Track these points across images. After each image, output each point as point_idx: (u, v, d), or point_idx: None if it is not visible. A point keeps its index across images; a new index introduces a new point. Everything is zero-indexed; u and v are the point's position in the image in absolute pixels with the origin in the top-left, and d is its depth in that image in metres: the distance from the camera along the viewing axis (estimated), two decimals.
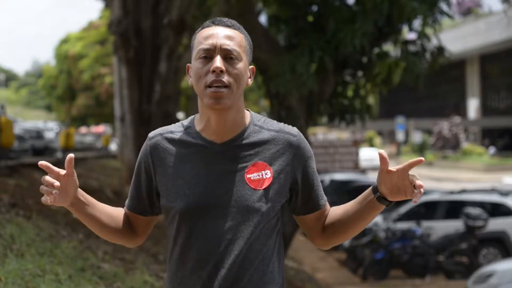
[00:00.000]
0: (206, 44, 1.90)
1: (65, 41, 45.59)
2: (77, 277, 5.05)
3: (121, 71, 19.57)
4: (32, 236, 5.74)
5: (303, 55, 7.94)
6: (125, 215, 2.07)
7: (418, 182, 1.86)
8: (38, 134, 20.85)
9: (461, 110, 48.86)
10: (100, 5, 75.08)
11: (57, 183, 1.85)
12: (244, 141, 1.94)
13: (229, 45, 1.89)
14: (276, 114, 8.86)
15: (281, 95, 8.66)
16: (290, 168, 1.95)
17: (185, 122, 2.02)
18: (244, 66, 1.92)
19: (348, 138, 25.59)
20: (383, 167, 1.94)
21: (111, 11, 14.15)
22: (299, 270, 12.12)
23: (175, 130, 2.00)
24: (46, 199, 1.86)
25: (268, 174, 1.92)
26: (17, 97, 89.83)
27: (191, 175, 1.91)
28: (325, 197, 2.07)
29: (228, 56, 1.89)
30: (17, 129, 18.43)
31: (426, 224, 12.32)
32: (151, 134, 2.02)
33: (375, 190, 1.96)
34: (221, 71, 1.86)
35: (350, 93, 9.60)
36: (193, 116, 2.03)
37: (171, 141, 1.97)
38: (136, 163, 2.05)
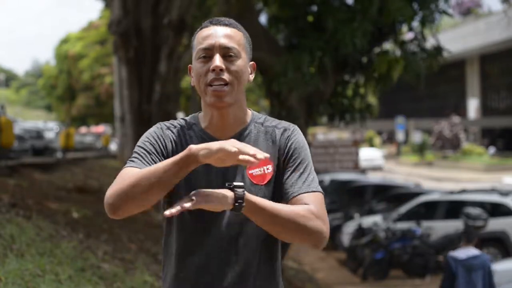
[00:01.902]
0: (205, 44, 1.92)
1: (65, 41, 45.60)
2: (77, 277, 5.05)
3: (121, 71, 19.56)
4: (32, 236, 5.74)
5: (304, 55, 7.95)
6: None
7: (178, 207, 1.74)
8: (38, 134, 20.83)
9: (461, 110, 48.86)
10: (100, 5, 75.11)
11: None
12: (246, 138, 1.96)
13: (228, 43, 1.92)
14: (276, 114, 8.86)
15: (281, 95, 8.66)
16: (285, 157, 1.97)
17: (189, 119, 2.04)
18: (243, 63, 1.95)
19: (348, 138, 25.64)
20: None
21: (111, 11, 14.15)
22: (299, 270, 12.13)
23: (182, 125, 2.01)
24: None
25: (269, 169, 1.95)
26: (17, 97, 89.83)
27: (196, 171, 1.88)
28: (299, 188, 1.91)
29: (227, 54, 1.92)
30: (17, 129, 18.42)
31: (426, 224, 12.31)
32: (163, 123, 2.02)
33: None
34: (221, 69, 1.89)
35: (350, 92, 9.60)
36: (196, 114, 2.05)
37: (183, 136, 1.98)
38: (146, 135, 1.98)
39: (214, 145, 1.70)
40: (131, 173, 1.84)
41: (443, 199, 13.61)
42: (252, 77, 2.01)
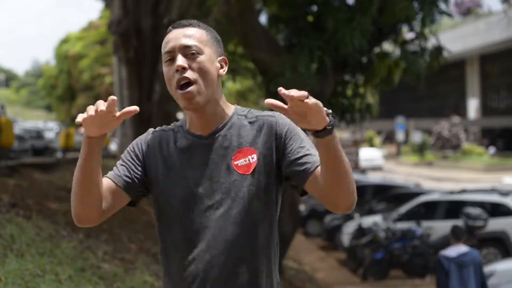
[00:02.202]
0: (167, 48, 2.00)
1: (65, 41, 45.60)
2: (77, 277, 5.05)
3: (121, 71, 19.56)
4: (32, 236, 5.74)
5: (303, 55, 7.94)
6: (105, 186, 1.99)
7: (295, 92, 1.73)
8: (38, 134, 20.82)
9: (461, 110, 48.85)
10: (100, 5, 75.10)
11: (110, 102, 1.79)
12: (228, 131, 2.01)
13: (187, 42, 1.97)
14: (276, 114, 8.86)
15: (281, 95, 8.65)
16: (273, 147, 1.99)
17: (179, 122, 2.12)
18: (207, 58, 1.98)
19: (348, 138, 25.60)
20: (283, 110, 1.78)
21: (111, 11, 14.15)
22: (299, 270, 12.13)
23: (172, 128, 2.10)
24: (82, 115, 1.83)
25: (254, 158, 1.98)
26: (17, 97, 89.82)
27: (183, 169, 1.99)
28: (317, 159, 1.92)
29: (189, 53, 1.97)
30: (17, 129, 18.41)
31: (426, 224, 12.31)
32: (151, 130, 2.12)
33: (307, 131, 1.87)
34: (183, 68, 1.95)
35: (350, 92, 9.60)
36: (185, 117, 2.13)
37: (169, 138, 2.06)
38: (130, 145, 2.10)
39: (91, 107, 1.82)
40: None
41: (443, 199, 13.61)
42: (223, 71, 2.03)
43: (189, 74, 1.95)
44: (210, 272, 1.94)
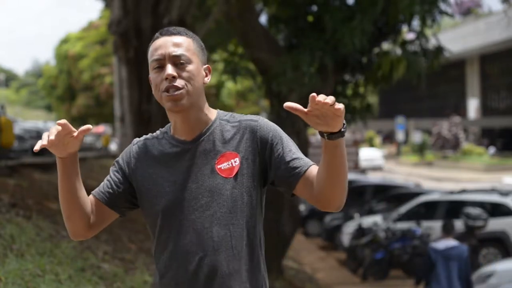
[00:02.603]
0: (156, 55, 2.06)
1: (65, 41, 45.56)
2: (77, 277, 5.05)
3: (121, 71, 19.56)
4: (32, 236, 5.74)
5: (304, 54, 7.94)
6: (91, 202, 2.15)
7: (328, 99, 1.80)
8: (38, 134, 20.80)
9: (461, 110, 48.84)
10: (100, 5, 75.05)
11: (59, 128, 1.91)
12: (211, 135, 2.08)
13: (177, 51, 2.04)
14: (276, 114, 8.86)
15: (281, 95, 8.66)
16: (257, 151, 2.05)
17: (163, 129, 2.19)
18: (195, 67, 2.06)
19: (348, 138, 25.58)
20: (302, 113, 1.88)
21: (111, 11, 14.15)
22: (299, 270, 12.12)
23: (156, 136, 2.16)
24: (41, 140, 1.93)
25: (236, 161, 2.05)
26: (17, 97, 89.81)
27: (170, 174, 2.06)
28: (306, 162, 2.02)
29: (178, 62, 2.04)
30: (17, 129, 18.40)
31: (426, 224, 12.31)
32: (135, 140, 2.19)
33: (321, 134, 1.93)
34: (173, 77, 2.02)
35: (350, 92, 9.60)
36: (170, 123, 2.19)
37: (153, 145, 2.14)
38: (115, 161, 2.19)
39: (45, 135, 1.93)
40: None
41: (443, 199, 13.61)
42: (207, 79, 2.11)
43: (178, 82, 2.02)
44: (200, 272, 1.99)
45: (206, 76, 2.12)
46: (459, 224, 11.91)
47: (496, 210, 12.56)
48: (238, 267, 2.01)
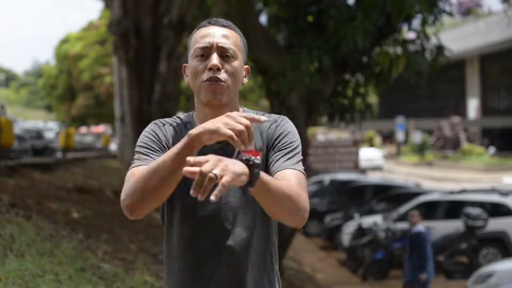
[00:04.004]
0: (203, 43, 1.95)
1: (65, 41, 45.57)
2: (77, 277, 5.05)
3: (121, 71, 19.56)
4: (32, 236, 5.74)
5: (304, 54, 7.94)
6: None
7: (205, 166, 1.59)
8: (38, 134, 20.79)
9: (461, 110, 48.85)
10: (100, 5, 75.10)
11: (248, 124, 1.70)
12: None
13: (225, 43, 1.95)
14: (276, 114, 8.86)
15: (281, 95, 8.66)
16: (271, 141, 1.98)
17: (183, 118, 2.07)
18: (239, 64, 1.97)
19: (348, 138, 25.65)
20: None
21: (111, 11, 14.15)
22: (299, 270, 12.12)
23: (178, 122, 2.04)
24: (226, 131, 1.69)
25: (258, 159, 1.90)
26: (17, 97, 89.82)
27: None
28: (288, 166, 1.91)
29: (224, 54, 1.94)
30: (17, 129, 18.38)
31: (426, 224, 12.31)
32: (158, 121, 2.04)
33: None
34: (218, 68, 1.92)
35: (350, 92, 9.60)
36: (190, 113, 2.08)
37: (177, 131, 2.01)
38: (151, 133, 1.99)
39: (211, 127, 1.68)
40: (140, 171, 1.86)
41: (443, 199, 13.61)
42: (245, 80, 2.03)
43: (222, 75, 1.92)
44: (218, 272, 1.95)
45: (245, 76, 2.04)
46: (459, 224, 11.92)
47: (496, 210, 12.56)
48: (262, 268, 1.99)
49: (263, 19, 10.35)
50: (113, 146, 36.84)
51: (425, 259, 8.47)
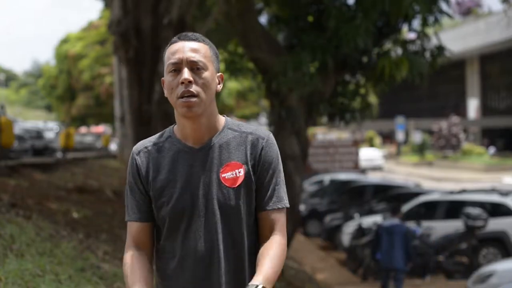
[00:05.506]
0: (174, 59, 2.08)
1: (65, 41, 45.56)
2: (77, 277, 5.05)
3: (121, 71, 19.58)
4: (32, 236, 5.74)
5: (304, 54, 7.94)
6: (137, 232, 2.14)
7: None
8: (38, 134, 20.80)
9: (461, 110, 48.85)
10: (100, 5, 75.10)
11: None
12: (219, 144, 2.11)
13: (195, 57, 2.07)
14: (276, 114, 8.85)
15: (281, 95, 8.66)
16: (256, 166, 2.11)
17: (164, 133, 2.20)
18: (210, 74, 2.09)
19: (348, 138, 25.60)
20: None
21: (111, 11, 14.15)
22: (299, 270, 12.12)
23: (157, 141, 2.17)
24: None
25: (241, 172, 2.09)
26: (17, 97, 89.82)
27: (177, 180, 2.08)
28: (275, 201, 2.11)
29: (195, 67, 2.07)
30: (17, 129, 18.39)
31: (426, 224, 12.30)
32: (135, 150, 2.18)
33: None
34: (189, 82, 2.04)
35: (350, 92, 9.60)
36: (171, 127, 2.21)
37: (157, 151, 2.14)
38: (127, 179, 2.17)
39: None
40: (129, 245, 2.12)
41: (443, 199, 13.60)
42: (220, 87, 2.15)
43: (194, 88, 2.04)
44: (206, 278, 2.06)
45: (219, 83, 2.15)
46: (459, 224, 11.92)
47: (496, 210, 12.56)
48: (242, 273, 2.08)
49: (263, 19, 10.36)
50: (113, 146, 36.84)
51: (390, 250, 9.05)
